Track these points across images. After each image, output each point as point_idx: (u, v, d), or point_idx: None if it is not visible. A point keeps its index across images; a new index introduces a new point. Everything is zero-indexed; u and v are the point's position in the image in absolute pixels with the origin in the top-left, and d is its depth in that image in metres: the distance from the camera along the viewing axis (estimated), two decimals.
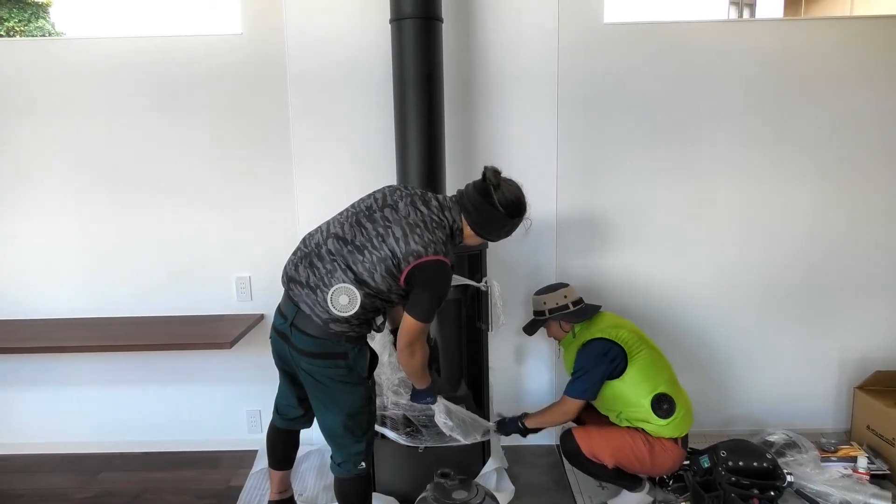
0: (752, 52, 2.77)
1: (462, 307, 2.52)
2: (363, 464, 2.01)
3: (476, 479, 2.42)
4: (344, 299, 1.81)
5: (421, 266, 1.81)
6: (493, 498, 2.05)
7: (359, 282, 1.82)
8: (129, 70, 2.77)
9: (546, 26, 2.71)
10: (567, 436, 2.39)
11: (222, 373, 2.99)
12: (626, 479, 2.39)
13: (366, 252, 1.83)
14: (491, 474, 2.55)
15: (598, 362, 2.32)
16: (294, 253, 1.98)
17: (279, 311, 1.98)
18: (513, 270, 2.85)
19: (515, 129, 2.79)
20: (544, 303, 2.50)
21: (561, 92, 2.76)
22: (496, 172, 1.92)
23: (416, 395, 2.19)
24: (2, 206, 2.88)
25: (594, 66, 2.77)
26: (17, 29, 11.29)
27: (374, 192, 2.00)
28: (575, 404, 2.35)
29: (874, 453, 2.71)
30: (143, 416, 3.04)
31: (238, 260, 2.91)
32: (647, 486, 2.46)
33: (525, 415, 2.47)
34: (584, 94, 2.77)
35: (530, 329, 2.60)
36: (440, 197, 1.98)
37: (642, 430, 2.33)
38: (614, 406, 2.36)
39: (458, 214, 1.94)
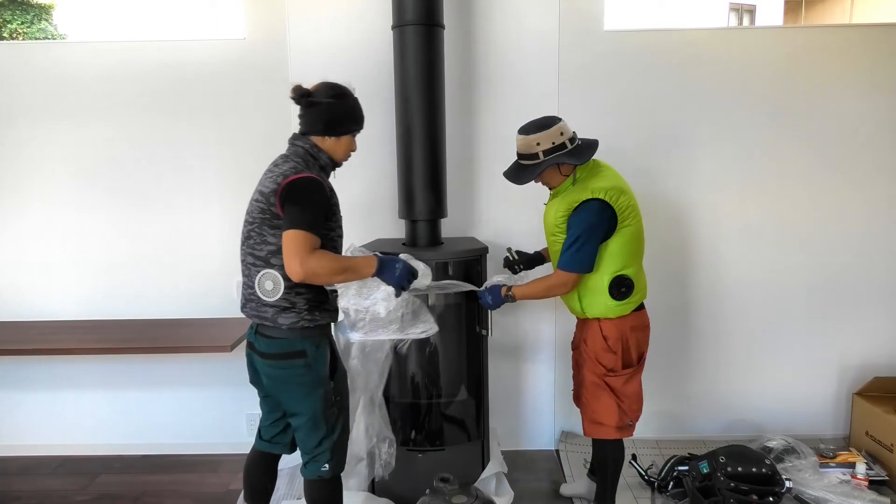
0: (753, 58, 2.79)
1: (462, 312, 2.52)
2: (326, 466, 1.98)
3: (475, 484, 2.43)
4: (269, 285, 1.85)
5: (282, 193, 1.80)
6: (492, 503, 2.05)
7: (266, 262, 1.85)
8: (132, 73, 2.79)
9: (547, 33, 2.74)
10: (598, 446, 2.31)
11: (223, 376, 2.99)
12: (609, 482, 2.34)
13: (251, 234, 1.88)
14: (490, 479, 2.55)
15: (598, 228, 2.06)
16: None
17: (250, 326, 2.02)
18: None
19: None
20: (537, 143, 2.08)
21: (561, 97, 2.78)
22: (296, 89, 1.93)
23: (387, 276, 1.94)
24: (3, 208, 2.90)
25: (595, 72, 2.78)
26: (20, 31, 11.33)
27: None
28: (570, 278, 2.09)
29: (873, 459, 2.72)
30: (143, 418, 3.04)
31: (239, 263, 2.91)
32: None
33: (510, 287, 2.21)
34: (585, 99, 2.79)
35: (519, 178, 2.16)
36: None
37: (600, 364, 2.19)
38: None
39: (307, 141, 1.95)
